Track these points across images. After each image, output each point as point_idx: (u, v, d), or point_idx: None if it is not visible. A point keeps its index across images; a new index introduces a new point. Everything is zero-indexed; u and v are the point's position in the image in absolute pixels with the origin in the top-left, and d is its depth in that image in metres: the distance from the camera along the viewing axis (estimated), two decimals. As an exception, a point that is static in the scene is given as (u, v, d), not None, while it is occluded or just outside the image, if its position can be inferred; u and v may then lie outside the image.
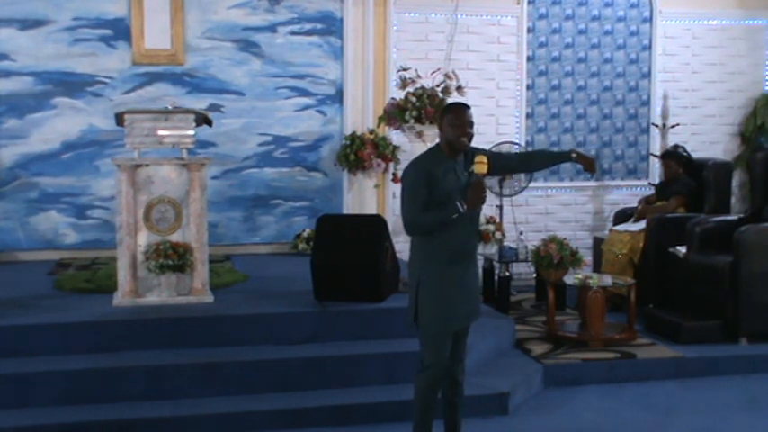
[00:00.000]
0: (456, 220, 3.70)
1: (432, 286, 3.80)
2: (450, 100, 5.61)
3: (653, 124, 8.15)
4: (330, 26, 7.61)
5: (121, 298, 5.32)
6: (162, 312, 5.15)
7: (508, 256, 6.81)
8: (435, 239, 3.78)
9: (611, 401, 5.06)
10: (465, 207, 3.67)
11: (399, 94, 5.69)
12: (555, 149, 4.00)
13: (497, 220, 7.61)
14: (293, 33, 7.57)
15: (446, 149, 3.81)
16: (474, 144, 3.91)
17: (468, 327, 4.03)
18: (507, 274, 6.65)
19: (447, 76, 5.63)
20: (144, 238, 5.34)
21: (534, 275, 7.08)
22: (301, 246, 7.36)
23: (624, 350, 5.64)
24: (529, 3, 7.90)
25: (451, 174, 3.77)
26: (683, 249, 6.30)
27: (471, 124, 3.79)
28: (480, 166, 3.71)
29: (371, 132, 7.24)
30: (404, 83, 5.62)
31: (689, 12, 8.19)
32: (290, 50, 7.56)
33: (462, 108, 3.82)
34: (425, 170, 3.73)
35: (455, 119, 3.77)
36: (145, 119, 5.40)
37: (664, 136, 7.99)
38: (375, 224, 5.59)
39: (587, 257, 7.33)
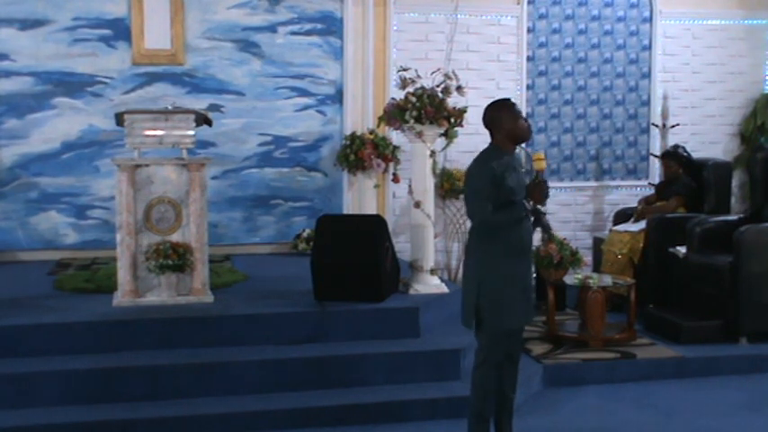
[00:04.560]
0: (523, 217, 3.90)
1: (495, 285, 3.90)
2: (450, 100, 5.60)
3: (653, 124, 8.15)
4: (330, 26, 7.61)
5: (121, 298, 5.32)
6: (162, 312, 5.15)
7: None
8: (499, 238, 3.90)
9: (611, 401, 5.06)
10: (531, 204, 3.87)
11: (399, 94, 5.68)
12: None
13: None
14: (293, 33, 7.57)
15: (506, 145, 3.96)
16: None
17: (524, 326, 4.15)
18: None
19: (447, 76, 5.60)
20: (144, 238, 5.34)
21: (534, 275, 7.07)
22: (301, 246, 7.36)
23: (624, 350, 5.64)
24: (529, 3, 7.90)
25: (512, 170, 3.92)
26: (683, 249, 6.30)
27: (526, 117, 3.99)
28: (540, 162, 3.91)
29: (371, 132, 7.23)
30: (404, 83, 5.60)
31: (689, 12, 8.19)
32: (290, 50, 7.56)
33: (511, 102, 4.02)
34: (491, 169, 3.86)
35: (511, 111, 3.94)
36: (145, 119, 5.40)
37: (664, 136, 7.99)
38: (375, 224, 5.59)
39: (587, 257, 7.33)
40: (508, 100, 4.05)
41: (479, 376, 4.01)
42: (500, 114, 3.96)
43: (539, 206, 3.96)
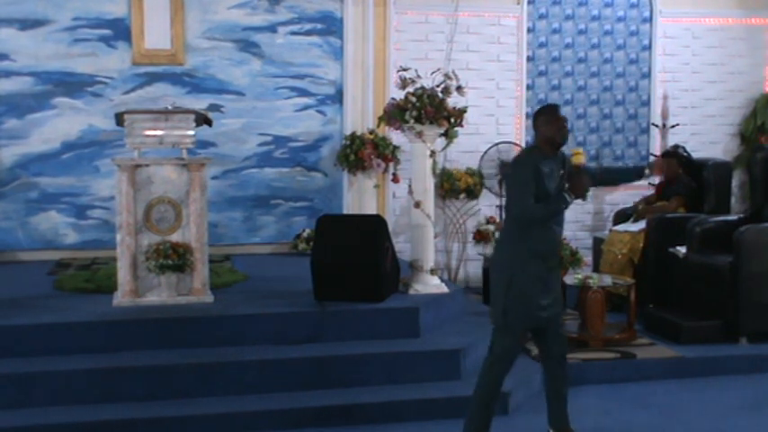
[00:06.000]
0: (561, 211, 4.05)
1: (525, 283, 3.99)
2: (450, 100, 5.60)
3: (653, 124, 8.16)
4: (330, 26, 7.61)
5: (121, 298, 5.32)
6: (162, 312, 5.15)
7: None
8: (527, 241, 3.99)
9: (611, 401, 5.06)
10: (572, 197, 3.98)
11: (399, 94, 5.68)
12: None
13: (497, 220, 7.61)
14: (293, 33, 7.57)
15: (546, 148, 4.06)
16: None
17: (559, 320, 4.24)
18: (507, 274, 6.63)
19: (447, 76, 5.61)
20: (144, 238, 5.34)
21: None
22: (301, 246, 7.36)
23: (624, 350, 5.64)
24: (529, 3, 7.91)
25: (554, 173, 4.04)
26: (683, 249, 6.30)
27: (566, 119, 4.07)
28: (578, 156, 4.06)
29: (371, 132, 7.24)
30: (404, 83, 5.60)
31: (689, 12, 8.19)
32: (290, 50, 7.56)
33: (555, 107, 4.13)
34: (534, 165, 3.98)
35: (551, 116, 4.05)
36: (145, 119, 5.40)
37: (664, 136, 7.99)
38: (375, 224, 5.59)
39: (587, 257, 7.33)
40: (548, 106, 4.16)
41: (495, 372, 4.09)
42: (537, 119, 4.10)
43: (580, 199, 4.10)
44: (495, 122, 7.84)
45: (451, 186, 7.51)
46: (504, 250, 4.12)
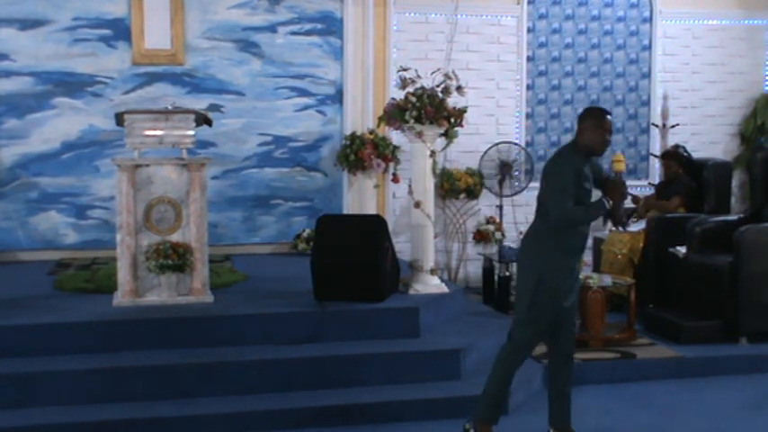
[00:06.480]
0: (599, 216, 4.11)
1: (554, 278, 4.03)
2: (450, 100, 5.60)
3: (653, 124, 8.16)
4: (330, 26, 7.61)
5: (121, 298, 5.32)
6: (162, 312, 5.15)
7: (508, 256, 6.80)
8: (557, 239, 4.03)
9: (611, 401, 5.06)
10: (610, 203, 4.01)
11: (399, 94, 5.68)
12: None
13: (497, 220, 7.61)
14: (293, 33, 7.57)
15: (584, 151, 4.05)
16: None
17: (573, 316, 4.29)
18: (507, 274, 6.64)
19: (447, 76, 5.61)
20: (144, 238, 5.34)
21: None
22: (301, 246, 7.36)
23: (624, 350, 5.64)
24: (529, 3, 7.91)
25: (589, 173, 4.06)
26: (683, 249, 6.30)
27: (610, 130, 4.03)
28: (619, 164, 4.07)
29: (371, 132, 7.24)
30: (404, 83, 5.60)
31: (689, 12, 8.19)
32: (290, 50, 7.56)
33: (604, 114, 4.06)
34: (575, 167, 3.98)
35: (597, 124, 4.01)
36: (145, 119, 5.39)
37: (664, 136, 7.99)
38: (375, 224, 5.59)
39: (587, 257, 7.32)
40: (598, 110, 4.11)
41: (510, 362, 4.17)
42: (584, 119, 4.07)
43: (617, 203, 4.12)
44: (495, 122, 7.84)
45: (451, 186, 7.51)
46: (532, 246, 4.14)
